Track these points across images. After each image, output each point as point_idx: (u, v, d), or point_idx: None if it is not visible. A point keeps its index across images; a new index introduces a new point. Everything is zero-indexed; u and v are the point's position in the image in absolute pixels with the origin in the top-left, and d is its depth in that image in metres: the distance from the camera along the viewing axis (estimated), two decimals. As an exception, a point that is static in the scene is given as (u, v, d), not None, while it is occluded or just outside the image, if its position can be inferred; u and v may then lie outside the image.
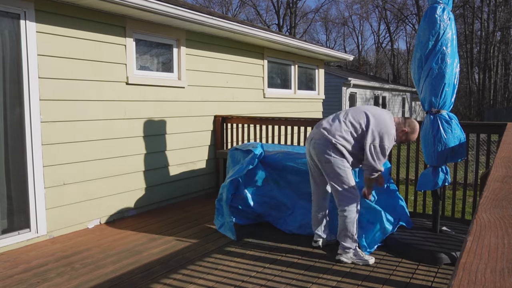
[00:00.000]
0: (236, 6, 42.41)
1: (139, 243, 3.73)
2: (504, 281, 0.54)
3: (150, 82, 4.78)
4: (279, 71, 7.35)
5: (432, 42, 3.28)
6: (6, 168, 3.59)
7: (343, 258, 3.25)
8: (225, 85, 5.91)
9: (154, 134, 4.90)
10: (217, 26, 5.15)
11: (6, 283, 2.91)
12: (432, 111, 3.39)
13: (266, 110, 6.76)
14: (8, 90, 3.56)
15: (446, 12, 3.28)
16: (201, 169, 5.62)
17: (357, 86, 16.36)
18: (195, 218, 4.54)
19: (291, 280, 2.94)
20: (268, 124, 5.39)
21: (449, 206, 6.39)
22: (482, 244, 0.67)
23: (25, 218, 3.72)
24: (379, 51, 41.17)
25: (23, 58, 3.61)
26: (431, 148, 3.42)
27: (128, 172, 4.63)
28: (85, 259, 3.36)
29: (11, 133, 3.61)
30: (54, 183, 3.89)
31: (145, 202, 4.85)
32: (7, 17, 3.51)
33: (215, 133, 5.77)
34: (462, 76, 28.32)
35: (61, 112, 3.92)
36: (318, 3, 62.62)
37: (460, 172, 8.10)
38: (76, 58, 4.02)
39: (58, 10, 3.84)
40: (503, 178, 1.19)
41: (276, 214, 4.11)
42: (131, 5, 4.03)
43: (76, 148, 4.06)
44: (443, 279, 2.96)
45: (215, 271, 3.10)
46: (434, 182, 3.48)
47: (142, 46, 4.80)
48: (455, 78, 3.35)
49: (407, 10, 36.80)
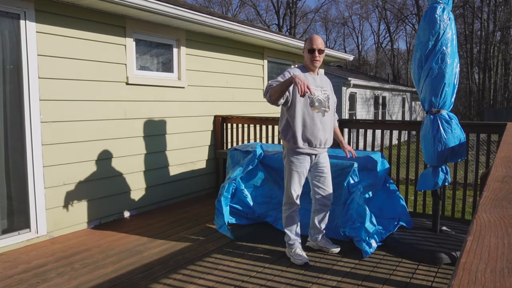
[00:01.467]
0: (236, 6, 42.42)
1: (139, 243, 3.73)
2: (504, 281, 0.54)
3: (150, 82, 4.78)
4: (279, 71, 7.34)
5: (432, 42, 3.27)
6: (6, 168, 3.59)
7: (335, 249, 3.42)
8: (225, 85, 5.91)
9: (154, 134, 4.90)
10: (217, 26, 5.15)
11: (6, 283, 2.91)
12: (432, 111, 3.39)
13: (266, 110, 6.76)
14: (8, 90, 3.56)
15: (446, 12, 3.28)
16: (201, 169, 5.62)
17: (357, 86, 16.36)
18: (195, 218, 4.54)
19: (291, 280, 2.94)
20: (268, 124, 5.39)
21: (449, 206, 6.39)
22: (482, 244, 0.67)
23: (25, 218, 3.72)
24: (379, 51, 41.17)
25: (23, 58, 3.61)
26: (431, 148, 3.42)
27: (128, 172, 4.63)
28: (85, 259, 3.36)
29: (11, 133, 3.61)
30: (54, 183, 3.89)
31: (145, 202, 4.85)
32: (7, 17, 3.51)
33: (215, 133, 5.77)
34: (462, 76, 28.33)
35: (61, 112, 3.92)
36: (318, 3, 62.67)
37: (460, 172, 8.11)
38: (76, 58, 4.02)
39: (58, 10, 3.85)
40: (503, 178, 1.19)
41: (276, 214, 4.11)
42: (131, 5, 4.03)
43: (76, 148, 4.06)
44: (443, 279, 2.96)
45: (215, 271, 3.10)
46: (434, 182, 3.48)
47: (142, 46, 4.80)
48: (455, 78, 3.35)
49: (407, 10, 36.82)
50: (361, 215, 3.43)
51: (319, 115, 3.10)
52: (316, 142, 3.12)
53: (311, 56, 3.12)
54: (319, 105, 3.10)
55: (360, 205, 3.46)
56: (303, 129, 3.09)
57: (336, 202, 3.65)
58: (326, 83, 3.27)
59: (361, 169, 3.78)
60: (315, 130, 3.09)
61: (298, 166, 3.17)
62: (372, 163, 3.85)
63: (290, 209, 3.27)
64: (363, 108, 17.20)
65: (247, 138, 5.63)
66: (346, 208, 3.56)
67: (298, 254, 3.22)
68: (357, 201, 3.48)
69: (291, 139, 3.13)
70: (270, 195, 4.15)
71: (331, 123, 3.25)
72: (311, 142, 3.12)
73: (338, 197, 3.64)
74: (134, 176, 4.70)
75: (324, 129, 3.14)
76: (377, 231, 3.49)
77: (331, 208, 3.61)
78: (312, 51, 3.10)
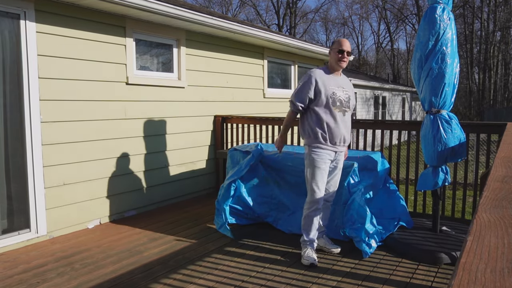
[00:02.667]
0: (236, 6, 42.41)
1: (139, 243, 3.73)
2: (504, 281, 0.54)
3: (150, 82, 4.78)
4: (279, 71, 7.35)
5: (432, 42, 3.27)
6: (6, 168, 3.59)
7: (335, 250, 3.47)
8: (225, 85, 5.91)
9: (154, 134, 4.90)
10: (217, 26, 5.15)
11: (6, 283, 2.91)
12: (432, 111, 3.39)
13: (266, 110, 6.77)
14: (8, 90, 3.56)
15: (446, 12, 3.28)
16: (201, 169, 5.62)
17: (357, 86, 16.36)
18: (195, 218, 4.54)
19: (291, 280, 2.94)
20: (268, 124, 5.39)
21: (449, 206, 6.39)
22: (482, 244, 0.67)
23: (25, 218, 3.72)
24: (379, 51, 41.17)
25: (23, 58, 3.61)
26: (431, 148, 3.42)
27: (128, 172, 4.63)
28: (85, 259, 3.36)
29: (11, 133, 3.61)
30: (54, 183, 3.89)
31: (145, 202, 4.85)
32: (7, 17, 3.51)
33: (215, 133, 5.77)
34: (462, 76, 28.33)
35: (61, 112, 3.92)
36: (318, 3, 62.56)
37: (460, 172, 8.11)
38: (76, 58, 4.02)
39: (58, 10, 3.85)
40: (503, 178, 1.19)
41: (276, 214, 4.11)
42: (131, 5, 4.03)
43: (76, 148, 4.06)
44: (443, 279, 2.96)
45: (215, 271, 3.10)
46: (434, 182, 3.48)
47: (142, 46, 4.80)
48: (455, 78, 3.35)
49: (407, 10, 36.81)
50: (361, 216, 3.44)
51: (340, 114, 3.23)
52: (337, 140, 3.23)
53: (340, 57, 3.23)
54: (340, 104, 3.22)
55: (361, 206, 3.46)
56: (324, 127, 3.19)
57: (336, 202, 3.65)
58: (348, 84, 3.39)
59: (361, 169, 3.78)
60: (336, 128, 3.21)
61: (320, 162, 3.21)
62: (372, 163, 3.85)
63: (309, 209, 3.27)
64: (363, 108, 17.19)
65: (247, 138, 5.63)
66: (347, 208, 3.55)
67: (308, 256, 3.23)
68: (358, 201, 3.48)
69: (313, 137, 3.22)
70: (270, 195, 4.15)
71: (350, 122, 3.36)
72: (332, 140, 3.22)
73: (338, 197, 3.64)
74: (134, 176, 4.70)
75: (345, 128, 3.26)
76: (377, 231, 3.49)
77: (331, 208, 3.61)
78: (341, 52, 3.22)
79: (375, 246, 3.44)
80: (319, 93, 3.16)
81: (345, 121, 3.26)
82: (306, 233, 3.29)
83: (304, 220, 3.31)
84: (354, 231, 3.45)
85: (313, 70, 3.25)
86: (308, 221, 3.28)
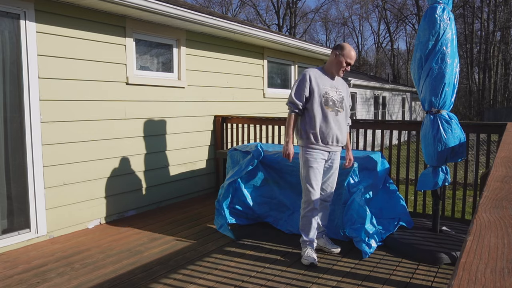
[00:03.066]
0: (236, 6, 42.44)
1: (139, 243, 3.73)
2: (504, 281, 0.54)
3: (150, 82, 4.78)
4: (279, 71, 7.35)
5: (432, 42, 3.27)
6: (6, 168, 3.59)
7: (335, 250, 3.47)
8: (225, 85, 5.91)
9: (154, 134, 4.90)
10: (217, 26, 5.15)
11: (6, 283, 2.91)
12: (432, 111, 3.39)
13: (266, 110, 6.77)
14: (8, 90, 3.56)
15: (446, 12, 3.28)
16: (201, 169, 5.62)
17: (357, 86, 16.35)
18: (195, 218, 4.54)
19: (291, 280, 2.94)
20: (268, 124, 5.39)
21: (449, 206, 6.40)
22: (482, 244, 0.67)
23: (25, 218, 3.72)
24: (379, 51, 41.16)
25: (23, 58, 3.61)
26: (431, 148, 3.42)
27: (128, 172, 4.63)
28: (85, 259, 3.36)
29: (11, 133, 3.61)
30: (54, 183, 3.89)
31: (145, 202, 4.85)
32: (7, 17, 3.51)
33: (215, 133, 5.77)
34: (462, 76, 28.33)
35: (61, 112, 3.92)
36: (318, 3, 62.57)
37: (460, 172, 8.11)
38: (76, 58, 4.02)
39: (58, 10, 3.85)
40: (503, 178, 1.19)
41: (276, 214, 4.11)
42: (131, 5, 4.03)
43: (76, 148, 4.06)
44: (443, 279, 2.96)
45: (215, 271, 3.10)
46: (434, 182, 3.48)
47: (142, 46, 4.80)
48: (455, 78, 3.35)
49: (407, 10, 36.81)
50: (361, 216, 3.44)
51: (332, 114, 3.23)
52: (329, 139, 3.22)
53: (344, 66, 3.25)
54: (332, 104, 3.23)
55: (361, 206, 3.46)
56: (316, 127, 3.20)
57: (336, 202, 3.65)
58: (342, 86, 3.39)
59: (361, 169, 3.78)
60: (328, 128, 3.21)
61: (313, 162, 3.22)
62: (372, 163, 3.85)
63: (305, 209, 3.27)
64: (363, 108, 17.19)
65: (247, 138, 5.63)
66: (347, 208, 3.55)
67: (307, 255, 3.24)
68: (358, 202, 3.48)
69: (305, 138, 3.23)
70: (270, 195, 4.15)
71: (345, 123, 3.35)
72: (324, 140, 3.22)
73: (338, 197, 3.64)
74: (134, 176, 4.70)
75: (338, 128, 3.25)
76: (377, 231, 3.49)
77: (331, 208, 3.61)
78: (347, 64, 3.25)
79: (375, 246, 3.45)
80: (312, 92, 3.18)
81: (338, 121, 3.26)
82: (305, 234, 3.30)
83: (301, 221, 3.32)
84: (354, 231, 3.45)
85: (308, 69, 3.27)
86: (305, 221, 3.29)
